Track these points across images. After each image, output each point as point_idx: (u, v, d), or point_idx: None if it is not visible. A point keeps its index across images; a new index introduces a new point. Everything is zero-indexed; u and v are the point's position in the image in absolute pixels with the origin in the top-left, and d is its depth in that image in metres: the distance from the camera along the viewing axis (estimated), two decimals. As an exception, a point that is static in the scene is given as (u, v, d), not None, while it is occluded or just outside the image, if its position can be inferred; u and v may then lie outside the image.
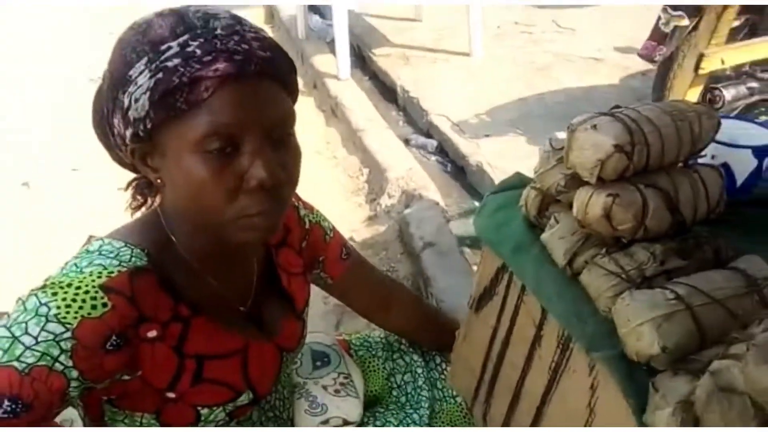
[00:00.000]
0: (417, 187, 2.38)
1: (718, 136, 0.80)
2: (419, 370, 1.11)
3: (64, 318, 0.63)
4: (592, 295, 0.73)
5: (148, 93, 0.64)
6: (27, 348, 0.61)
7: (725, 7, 1.64)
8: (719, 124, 0.79)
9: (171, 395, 0.74)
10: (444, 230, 2.14)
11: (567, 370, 0.78)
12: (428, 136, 2.97)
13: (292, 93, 0.73)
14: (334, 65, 3.39)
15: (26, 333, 0.62)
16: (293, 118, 0.71)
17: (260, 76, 0.67)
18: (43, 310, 0.63)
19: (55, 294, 0.64)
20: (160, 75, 0.64)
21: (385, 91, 3.43)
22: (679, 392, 0.58)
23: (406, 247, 2.19)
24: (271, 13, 4.65)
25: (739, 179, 0.89)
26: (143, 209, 0.80)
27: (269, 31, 4.57)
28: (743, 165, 0.88)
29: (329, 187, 2.62)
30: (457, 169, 2.71)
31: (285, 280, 0.90)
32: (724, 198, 0.78)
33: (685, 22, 1.98)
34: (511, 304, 0.90)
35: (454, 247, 2.08)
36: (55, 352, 0.62)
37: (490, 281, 0.95)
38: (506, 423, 0.92)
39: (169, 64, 0.63)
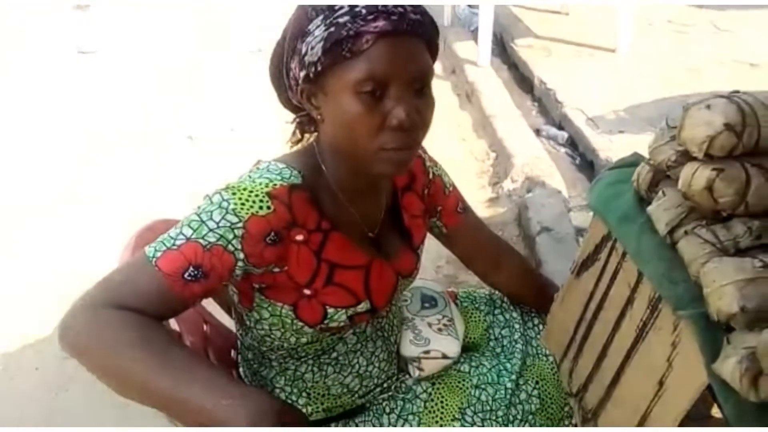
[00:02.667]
0: (541, 174, 2.43)
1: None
2: (516, 326, 1.21)
3: (239, 212, 0.81)
4: (686, 260, 0.79)
5: (321, 42, 0.80)
6: (210, 230, 0.80)
7: None
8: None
9: (307, 292, 0.90)
10: (563, 218, 2.19)
11: (654, 328, 0.84)
12: (560, 128, 2.98)
13: (434, 52, 0.86)
14: (475, 52, 3.48)
15: (211, 219, 0.81)
16: (432, 73, 0.85)
17: (410, 33, 0.80)
18: (225, 204, 0.82)
19: (234, 194, 0.83)
20: (332, 29, 0.79)
21: (523, 81, 3.47)
22: (748, 343, 0.64)
23: (523, 231, 2.26)
24: None
25: None
26: (300, 144, 0.98)
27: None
28: None
29: (455, 168, 2.69)
30: (585, 162, 2.72)
31: (406, 219, 1.04)
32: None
33: None
34: (611, 269, 0.97)
35: (571, 235, 2.12)
36: (230, 236, 0.80)
37: (594, 248, 1.02)
38: (590, 378, 1.00)
39: (340, 20, 0.79)
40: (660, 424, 0.81)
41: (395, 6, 0.80)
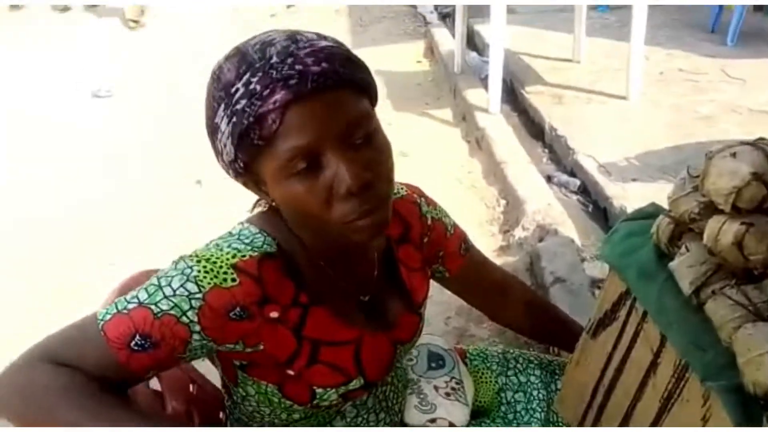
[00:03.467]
0: (553, 222, 2.35)
1: None
2: (534, 392, 1.12)
3: (201, 282, 0.73)
4: (715, 324, 0.72)
5: (229, 138, 0.71)
6: (165, 297, 0.72)
7: None
8: None
9: (290, 372, 0.81)
10: (577, 268, 2.10)
11: (680, 400, 0.76)
12: (572, 175, 2.93)
13: (363, 91, 0.74)
14: (485, 99, 3.46)
15: (169, 285, 0.72)
16: (367, 117, 0.73)
17: (317, 91, 0.68)
18: (187, 271, 0.73)
19: (198, 262, 0.74)
20: (234, 119, 0.69)
21: (533, 128, 3.43)
22: (793, 424, 0.56)
23: (536, 280, 2.18)
24: (431, 48, 4.85)
25: None
26: None
27: (427, 65, 4.79)
28: None
29: (464, 214, 2.66)
30: (598, 210, 2.65)
31: (405, 275, 0.95)
32: None
33: None
34: (631, 330, 0.89)
35: (585, 286, 2.03)
36: (185, 306, 0.72)
37: (612, 306, 0.95)
38: (612, 450, 0.91)
39: (238, 106, 0.69)
40: None
41: (291, 66, 0.68)
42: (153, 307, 0.72)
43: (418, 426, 1.04)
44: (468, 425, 1.07)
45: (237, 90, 0.69)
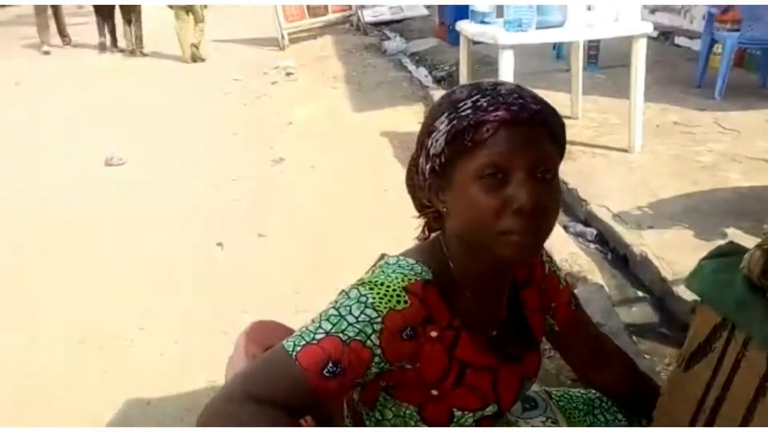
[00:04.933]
0: (581, 270, 2.44)
1: None
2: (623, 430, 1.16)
3: (377, 307, 0.81)
4: (829, 345, 0.79)
5: (445, 135, 0.83)
6: (349, 325, 0.79)
7: None
8: None
9: (434, 393, 0.87)
10: (611, 313, 2.17)
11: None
12: (586, 225, 3.03)
13: (559, 144, 0.87)
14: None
15: (350, 314, 0.80)
16: (555, 162, 0.85)
17: (530, 122, 0.81)
18: (363, 299, 0.82)
19: (371, 289, 0.83)
20: (455, 121, 0.82)
21: (541, 181, 3.56)
22: None
23: (571, 327, 2.23)
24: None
25: None
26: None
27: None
28: None
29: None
30: (618, 258, 2.74)
31: (528, 315, 1.02)
32: None
33: None
34: (730, 359, 0.96)
35: (622, 329, 2.10)
36: (369, 331, 0.80)
37: (706, 338, 1.01)
38: (722, 476, 0.95)
39: (462, 113, 0.82)
40: None
41: (516, 99, 0.82)
42: (341, 335, 0.79)
43: None
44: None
45: (464, 104, 0.83)
